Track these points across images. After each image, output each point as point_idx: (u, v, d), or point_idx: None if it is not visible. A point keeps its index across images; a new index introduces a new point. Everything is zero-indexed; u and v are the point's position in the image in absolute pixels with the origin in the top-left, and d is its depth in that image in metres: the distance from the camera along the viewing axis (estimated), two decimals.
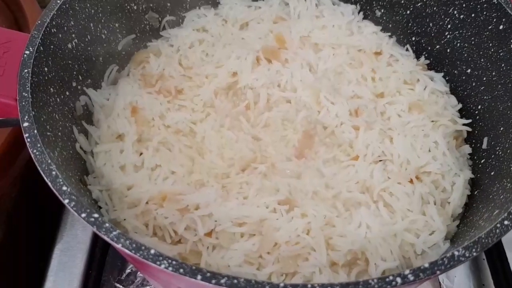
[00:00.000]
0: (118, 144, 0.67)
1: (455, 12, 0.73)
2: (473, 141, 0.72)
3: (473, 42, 0.72)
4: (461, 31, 0.74)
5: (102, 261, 0.81)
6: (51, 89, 0.60)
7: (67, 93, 0.65)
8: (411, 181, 0.65)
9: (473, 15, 0.71)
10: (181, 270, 0.42)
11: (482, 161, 0.69)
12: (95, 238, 0.81)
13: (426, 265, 0.43)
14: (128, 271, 0.81)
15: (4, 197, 0.77)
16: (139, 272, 0.80)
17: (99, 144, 0.67)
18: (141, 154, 0.66)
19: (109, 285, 0.80)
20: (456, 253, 0.44)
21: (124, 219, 0.61)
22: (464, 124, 0.72)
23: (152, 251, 0.43)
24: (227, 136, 0.68)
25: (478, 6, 0.69)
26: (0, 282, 0.81)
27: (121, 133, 0.68)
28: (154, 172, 0.65)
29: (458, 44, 0.75)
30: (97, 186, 0.63)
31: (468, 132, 0.73)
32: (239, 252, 0.58)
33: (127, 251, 0.43)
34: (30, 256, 0.85)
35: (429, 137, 0.68)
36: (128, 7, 0.77)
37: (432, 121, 0.70)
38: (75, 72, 0.67)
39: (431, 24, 0.78)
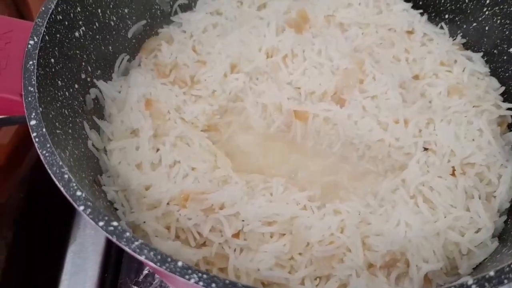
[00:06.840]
0: (133, 140, 0.62)
1: None
2: None
3: None
4: (502, 7, 0.68)
5: (118, 263, 0.77)
6: (59, 82, 0.56)
7: (76, 86, 0.61)
8: (453, 173, 0.59)
9: None
10: (213, 285, 0.38)
11: None
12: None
13: (492, 273, 0.38)
14: (145, 272, 0.78)
15: (12, 198, 0.73)
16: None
17: (112, 141, 0.63)
18: (157, 150, 0.62)
19: (126, 287, 0.75)
20: None
21: (144, 222, 0.56)
22: (508, 109, 0.66)
23: (180, 264, 0.39)
24: None
25: None
26: (12, 287, 0.77)
27: (136, 128, 0.64)
28: (173, 170, 0.60)
29: (499, 21, 0.69)
30: (112, 186, 0.59)
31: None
32: (269, 254, 0.55)
33: (151, 263, 0.39)
34: (43, 259, 0.82)
35: (472, 124, 0.62)
36: None
37: (474, 106, 0.65)
38: (83, 63, 0.63)
39: (467, 0, 0.72)
